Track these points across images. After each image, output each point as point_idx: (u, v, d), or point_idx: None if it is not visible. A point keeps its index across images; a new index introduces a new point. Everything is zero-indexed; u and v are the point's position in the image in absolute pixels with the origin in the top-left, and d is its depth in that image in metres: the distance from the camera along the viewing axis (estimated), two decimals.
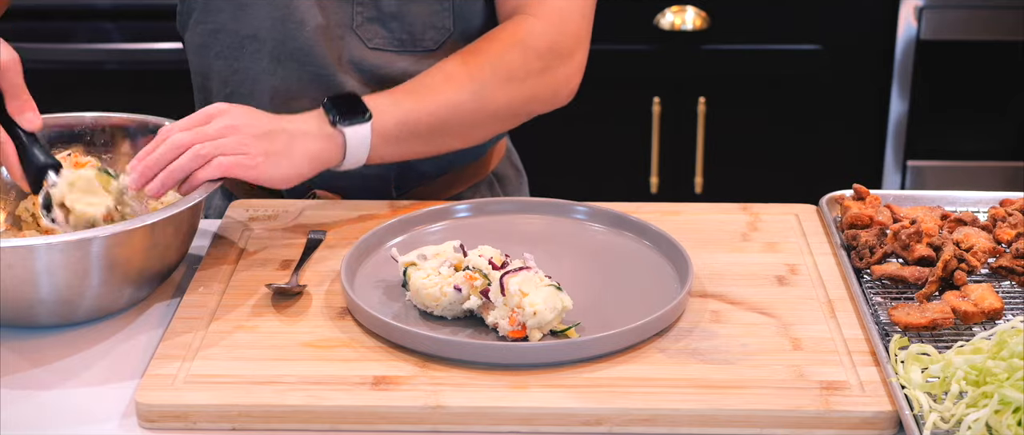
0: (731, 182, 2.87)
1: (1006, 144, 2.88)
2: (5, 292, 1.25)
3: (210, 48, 1.65)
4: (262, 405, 1.17)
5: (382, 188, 1.67)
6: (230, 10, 1.61)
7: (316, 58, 1.59)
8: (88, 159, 1.46)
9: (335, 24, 1.59)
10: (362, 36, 1.60)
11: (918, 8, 2.73)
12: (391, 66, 1.61)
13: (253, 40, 1.61)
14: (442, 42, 1.61)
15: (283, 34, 1.59)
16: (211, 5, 1.62)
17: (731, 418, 1.16)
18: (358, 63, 1.61)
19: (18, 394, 1.22)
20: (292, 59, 1.60)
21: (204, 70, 1.67)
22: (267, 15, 1.59)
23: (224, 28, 1.62)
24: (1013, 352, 1.12)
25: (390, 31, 1.60)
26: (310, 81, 1.60)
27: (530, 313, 1.23)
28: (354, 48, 1.60)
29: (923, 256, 1.36)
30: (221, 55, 1.64)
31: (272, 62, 1.61)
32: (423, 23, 1.60)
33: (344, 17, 1.59)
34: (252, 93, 1.63)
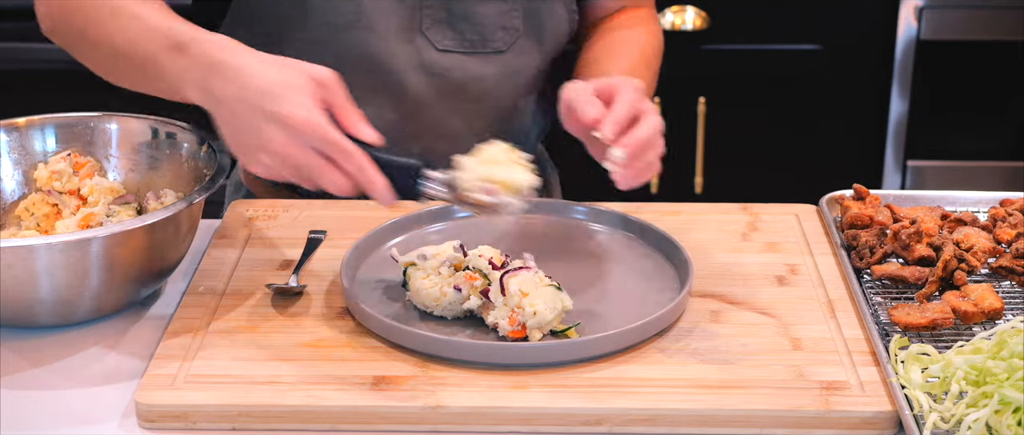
0: (731, 182, 2.87)
1: (1006, 144, 2.88)
2: (5, 292, 1.25)
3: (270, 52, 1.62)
4: (262, 405, 1.17)
5: None
6: (293, 14, 1.58)
7: (383, 62, 1.58)
8: (88, 159, 1.46)
9: (403, 27, 1.57)
10: (431, 38, 1.58)
11: (918, 8, 2.73)
12: (460, 68, 1.60)
13: (316, 45, 1.58)
14: (511, 43, 1.60)
15: (349, 39, 1.57)
16: (270, 9, 1.59)
17: (731, 418, 1.16)
18: (427, 66, 1.59)
19: (18, 394, 1.22)
20: (357, 66, 1.57)
21: None
22: (332, 21, 1.57)
23: (285, 30, 1.59)
24: (1013, 352, 1.12)
25: (459, 33, 1.59)
26: (375, 87, 1.59)
27: (530, 313, 1.23)
28: (423, 51, 1.59)
29: (923, 256, 1.36)
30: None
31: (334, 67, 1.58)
32: (492, 24, 1.59)
33: (412, 20, 1.57)
34: None
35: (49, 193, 1.43)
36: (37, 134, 1.48)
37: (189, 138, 1.47)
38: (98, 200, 1.43)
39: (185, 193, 1.44)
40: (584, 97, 1.37)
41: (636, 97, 1.36)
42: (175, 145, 1.48)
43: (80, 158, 1.46)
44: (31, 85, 2.88)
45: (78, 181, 1.44)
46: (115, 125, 1.50)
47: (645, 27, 1.67)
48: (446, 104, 1.61)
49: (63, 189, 1.44)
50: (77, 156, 1.46)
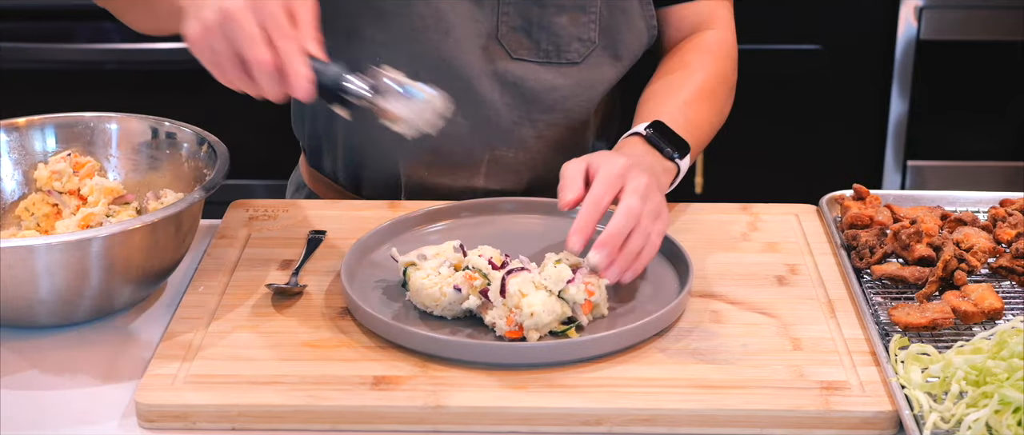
0: (731, 182, 2.87)
1: (1006, 144, 2.88)
2: (5, 292, 1.25)
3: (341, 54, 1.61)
4: (262, 405, 1.17)
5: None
6: (368, 16, 1.57)
7: (457, 68, 1.57)
8: (88, 159, 1.46)
9: (479, 33, 1.57)
10: (506, 46, 1.58)
11: (918, 8, 2.73)
12: (534, 78, 1.59)
13: (389, 48, 1.57)
14: (586, 55, 1.60)
15: (425, 43, 1.56)
16: (344, 9, 1.58)
17: (731, 418, 1.16)
18: (501, 74, 1.58)
19: (18, 394, 1.22)
20: (432, 69, 1.56)
21: None
22: (409, 23, 1.56)
23: (359, 34, 1.59)
24: (1013, 352, 1.12)
25: (535, 42, 1.58)
26: (449, 91, 1.57)
27: (527, 314, 1.23)
28: (498, 59, 1.58)
29: (923, 256, 1.36)
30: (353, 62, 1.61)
31: (410, 72, 1.58)
32: (568, 34, 1.58)
33: (489, 26, 1.57)
34: None
35: (49, 193, 1.43)
36: (37, 134, 1.48)
37: (189, 138, 1.47)
38: (98, 200, 1.43)
39: (185, 193, 1.44)
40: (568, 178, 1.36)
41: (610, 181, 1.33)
42: (175, 145, 1.48)
43: (80, 158, 1.46)
44: (31, 85, 2.88)
45: (78, 181, 1.44)
46: (115, 125, 1.50)
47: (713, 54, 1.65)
48: (518, 112, 1.60)
49: (63, 189, 1.44)
50: (77, 156, 1.46)
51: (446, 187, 1.63)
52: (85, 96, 2.85)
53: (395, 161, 1.63)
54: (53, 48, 2.85)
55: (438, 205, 1.51)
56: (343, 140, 1.66)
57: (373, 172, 1.66)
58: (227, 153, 1.41)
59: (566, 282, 1.26)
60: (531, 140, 1.62)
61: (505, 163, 1.63)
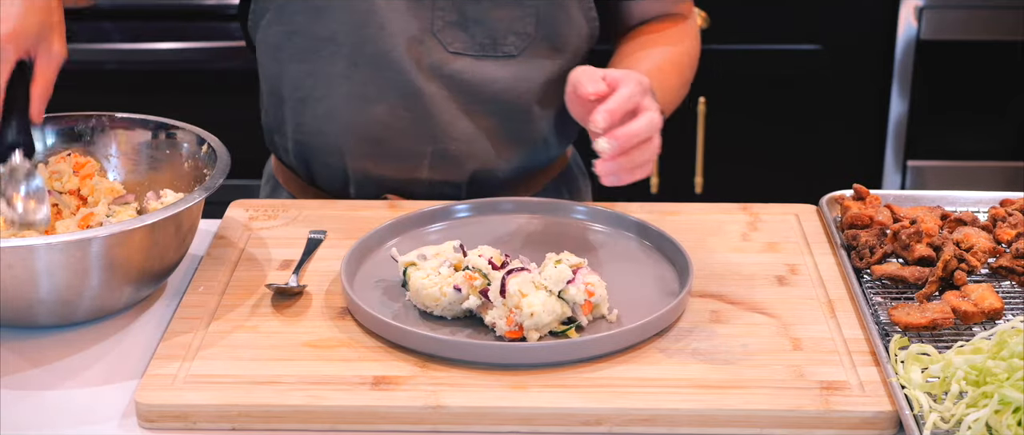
0: (731, 182, 2.87)
1: (1006, 144, 2.88)
2: (5, 292, 1.25)
3: (283, 50, 1.63)
4: (262, 405, 1.17)
5: (453, 194, 1.66)
6: (307, 12, 1.59)
7: (395, 63, 1.58)
8: (88, 159, 1.46)
9: (416, 28, 1.57)
10: (443, 41, 1.58)
11: (918, 8, 2.73)
12: (471, 71, 1.60)
13: (330, 43, 1.59)
14: (524, 48, 1.60)
15: (362, 38, 1.57)
16: (287, 7, 1.60)
17: (731, 418, 1.16)
18: (438, 68, 1.59)
19: (18, 394, 1.22)
20: (370, 64, 1.58)
21: (276, 72, 1.65)
22: (346, 18, 1.57)
23: (300, 30, 1.60)
24: (1013, 352, 1.12)
25: (471, 36, 1.59)
26: (386, 86, 1.59)
27: (527, 314, 1.23)
28: (434, 53, 1.59)
29: (923, 256, 1.36)
30: (295, 58, 1.62)
31: (349, 66, 1.59)
32: (505, 28, 1.59)
33: (425, 22, 1.58)
34: (326, 97, 1.62)
35: (49, 193, 1.43)
36: (37, 134, 1.47)
37: (189, 138, 1.47)
38: (98, 200, 1.43)
39: (185, 193, 1.44)
40: (588, 76, 1.37)
41: (637, 91, 1.36)
42: (175, 145, 1.48)
43: (80, 158, 1.46)
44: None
45: (78, 181, 1.44)
46: (115, 125, 1.50)
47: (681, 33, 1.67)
48: (457, 105, 1.61)
49: (63, 189, 1.44)
50: (77, 156, 1.46)
51: (391, 179, 1.65)
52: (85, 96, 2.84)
53: (340, 155, 1.65)
54: None
55: (438, 205, 1.51)
56: (292, 134, 1.67)
57: (322, 166, 1.68)
58: (227, 153, 1.41)
59: (566, 282, 1.26)
60: (472, 132, 1.63)
61: (448, 155, 1.64)
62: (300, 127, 1.65)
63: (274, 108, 1.68)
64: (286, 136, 1.68)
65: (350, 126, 1.62)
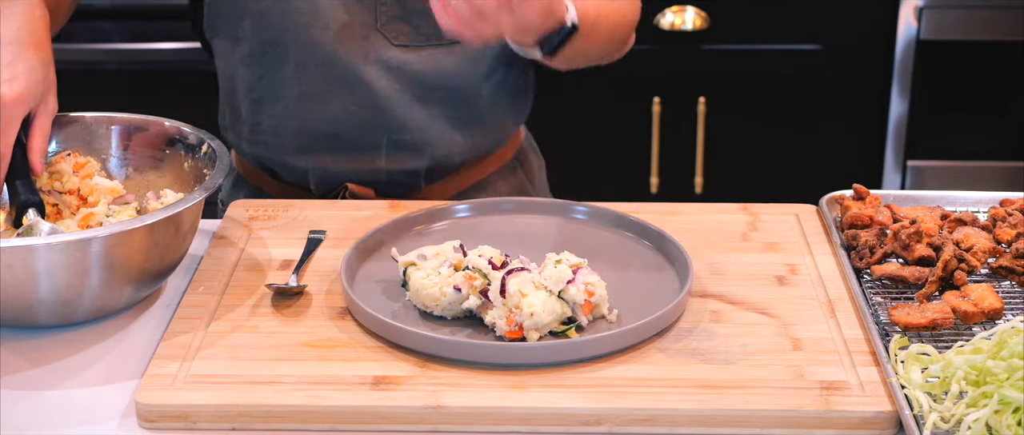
0: (731, 182, 2.87)
1: (1006, 144, 2.88)
2: (5, 292, 1.25)
3: (234, 54, 1.65)
4: (262, 405, 1.17)
5: (412, 181, 1.68)
6: (252, 17, 1.61)
7: (341, 60, 1.60)
8: (88, 159, 1.46)
9: (359, 25, 1.59)
10: (387, 34, 1.60)
11: (918, 8, 2.73)
12: (417, 61, 1.61)
13: (276, 46, 1.61)
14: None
15: (307, 38, 1.59)
16: (233, 13, 1.62)
17: (731, 418, 1.16)
18: (385, 61, 1.61)
19: (18, 394, 1.22)
20: (317, 64, 1.60)
21: (230, 75, 1.67)
22: (289, 21, 1.59)
23: (247, 36, 1.62)
24: (1013, 352, 1.12)
25: (415, 28, 1.60)
26: (336, 84, 1.61)
27: (527, 314, 1.23)
28: (379, 47, 1.60)
29: (923, 256, 1.36)
30: (245, 62, 1.64)
31: (297, 67, 1.61)
32: None
33: (367, 17, 1.59)
34: (279, 98, 1.63)
35: (49, 193, 1.43)
36: None
37: (189, 138, 1.47)
38: (98, 200, 1.43)
39: (185, 193, 1.44)
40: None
41: None
42: (175, 145, 1.48)
43: (80, 158, 1.46)
44: None
45: (78, 181, 1.44)
46: (115, 125, 1.50)
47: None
48: (407, 95, 1.63)
49: (63, 189, 1.44)
50: (77, 156, 1.46)
51: (351, 170, 1.67)
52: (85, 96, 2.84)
53: (298, 152, 1.67)
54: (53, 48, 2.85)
55: (438, 205, 1.51)
56: (248, 133, 1.69)
57: (280, 163, 1.69)
58: (227, 153, 1.41)
59: (566, 282, 1.26)
60: (425, 120, 1.65)
61: (404, 145, 1.65)
62: (257, 127, 1.67)
63: (230, 108, 1.70)
64: (242, 135, 1.70)
65: (304, 125, 1.64)
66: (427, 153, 1.66)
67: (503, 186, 1.75)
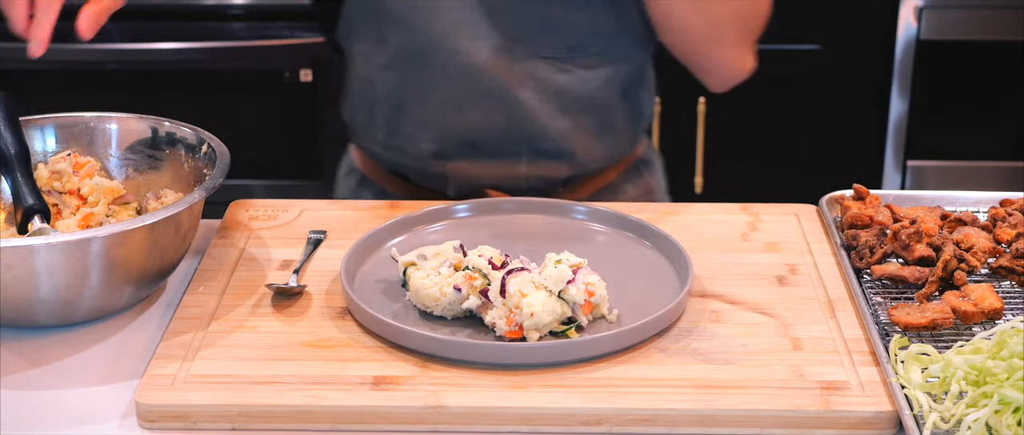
0: (731, 182, 2.87)
1: (1006, 144, 2.88)
2: (5, 292, 1.25)
3: (376, 58, 1.64)
4: (262, 405, 1.17)
5: (549, 187, 1.68)
6: (397, 25, 1.60)
7: (486, 71, 1.59)
8: (88, 159, 1.46)
9: (503, 35, 1.59)
10: (531, 45, 1.60)
11: (918, 8, 2.74)
12: (561, 74, 1.61)
13: (421, 55, 1.60)
14: (608, 46, 1.62)
15: (453, 47, 1.58)
16: (381, 15, 1.61)
17: (731, 418, 1.16)
18: (530, 72, 1.61)
19: (18, 394, 1.22)
20: (464, 73, 1.60)
21: (369, 78, 1.66)
22: (435, 31, 1.58)
23: (391, 42, 1.61)
24: (1013, 352, 1.12)
25: (558, 39, 1.60)
26: (480, 93, 1.61)
27: (527, 314, 1.23)
28: (524, 58, 1.60)
29: (923, 256, 1.36)
30: (388, 67, 1.63)
31: (442, 76, 1.61)
32: (588, 29, 1.60)
33: (512, 29, 1.59)
34: (420, 105, 1.63)
35: (49, 193, 1.43)
36: (37, 134, 1.48)
37: (189, 138, 1.47)
38: (98, 200, 1.43)
39: (185, 193, 1.44)
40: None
41: None
42: (175, 145, 1.48)
43: (80, 158, 1.46)
44: (31, 85, 2.88)
45: (78, 181, 1.44)
46: (115, 125, 1.50)
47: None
48: (552, 106, 1.63)
49: (63, 189, 1.44)
50: (77, 156, 1.46)
51: (489, 176, 1.67)
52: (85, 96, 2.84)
53: (436, 159, 1.66)
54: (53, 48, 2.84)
55: (438, 205, 1.51)
56: (384, 138, 1.69)
57: (416, 169, 1.69)
58: (227, 153, 1.41)
59: (566, 282, 1.26)
60: (567, 129, 1.65)
61: (545, 153, 1.66)
62: (394, 132, 1.67)
63: (366, 111, 1.69)
64: (376, 139, 1.70)
65: (445, 132, 1.64)
66: (567, 161, 1.66)
67: (631, 188, 1.76)
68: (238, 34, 2.90)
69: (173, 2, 2.87)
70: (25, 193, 1.37)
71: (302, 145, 3.01)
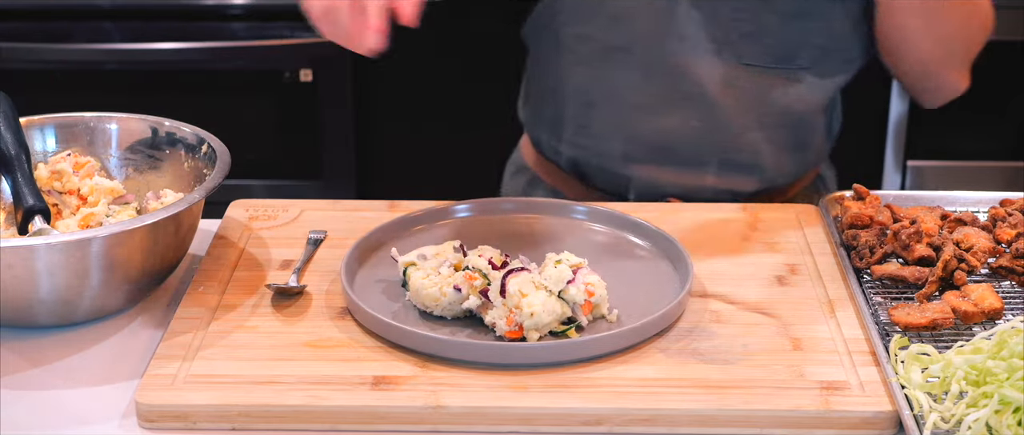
0: None
1: (1006, 144, 2.88)
2: (5, 292, 1.25)
3: (572, 53, 1.62)
4: (262, 405, 1.17)
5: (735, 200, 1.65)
6: (603, 19, 1.58)
7: (690, 74, 1.58)
8: (88, 159, 1.46)
9: (712, 39, 1.57)
10: (738, 52, 1.57)
11: None
12: (763, 84, 1.59)
13: (624, 52, 1.58)
14: (816, 60, 1.60)
15: (660, 48, 1.56)
16: (580, 12, 1.59)
17: (731, 418, 1.16)
18: (732, 79, 1.59)
19: (18, 394, 1.22)
20: (664, 74, 1.57)
21: (558, 73, 1.64)
22: (645, 28, 1.56)
23: (593, 36, 1.59)
24: (1013, 352, 1.12)
25: (766, 48, 1.58)
26: (679, 97, 1.59)
27: (527, 314, 1.23)
28: (728, 64, 1.58)
29: (923, 256, 1.36)
30: (584, 62, 1.61)
31: (643, 76, 1.59)
32: (798, 41, 1.58)
33: (720, 32, 1.57)
34: (614, 104, 1.61)
35: (49, 193, 1.43)
36: (37, 134, 1.48)
37: (189, 138, 1.47)
38: (98, 200, 1.43)
39: (185, 193, 1.44)
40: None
41: None
42: (175, 145, 1.48)
43: (80, 158, 1.46)
44: (31, 85, 2.88)
45: (78, 181, 1.44)
46: (115, 125, 1.50)
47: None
48: (748, 117, 1.62)
49: (63, 189, 1.44)
50: (77, 156, 1.46)
51: (675, 184, 1.65)
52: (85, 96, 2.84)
53: (624, 161, 1.65)
54: (53, 48, 2.86)
55: (438, 205, 1.51)
56: (570, 136, 1.67)
57: (600, 170, 1.68)
58: (227, 153, 1.41)
59: (566, 282, 1.26)
60: (761, 143, 1.63)
61: (735, 164, 1.64)
62: (583, 130, 1.65)
63: (552, 108, 1.68)
64: (561, 137, 1.68)
65: (637, 134, 1.62)
66: (757, 175, 1.65)
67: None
68: (238, 34, 2.90)
69: (173, 2, 2.87)
70: (25, 194, 1.36)
71: (302, 145, 3.01)
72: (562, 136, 1.68)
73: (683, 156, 1.63)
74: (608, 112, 1.62)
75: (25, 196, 1.36)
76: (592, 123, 1.64)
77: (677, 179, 1.65)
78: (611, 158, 1.65)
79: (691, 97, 1.59)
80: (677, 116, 1.59)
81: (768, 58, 1.59)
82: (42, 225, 1.35)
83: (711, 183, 1.65)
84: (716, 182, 1.65)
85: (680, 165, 1.64)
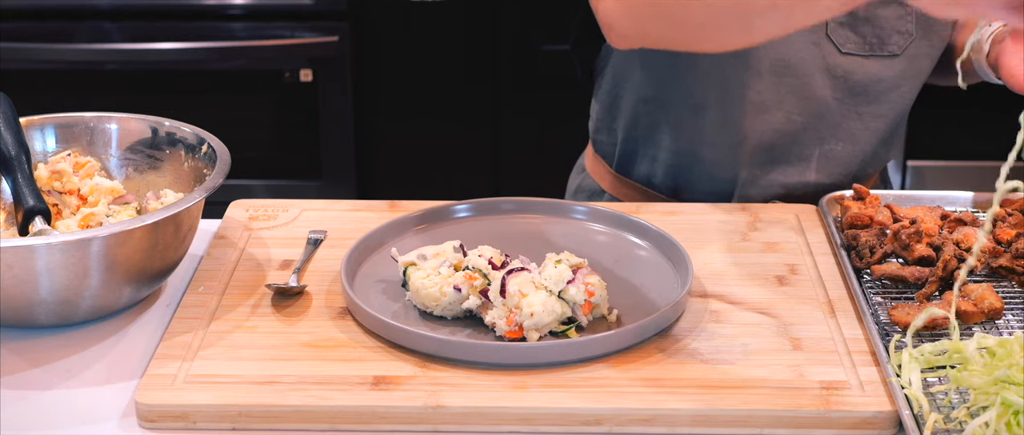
0: None
1: (1006, 144, 2.88)
2: (5, 292, 1.25)
3: (675, 56, 1.62)
4: (262, 405, 1.17)
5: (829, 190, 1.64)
6: None
7: (795, 67, 1.60)
8: (88, 159, 1.46)
9: (811, 30, 1.59)
10: (835, 41, 1.60)
11: None
12: (861, 71, 1.62)
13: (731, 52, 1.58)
14: (906, 46, 1.62)
15: (766, 45, 1.58)
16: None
17: (731, 418, 1.16)
18: (831, 69, 1.61)
19: (18, 394, 1.22)
20: (772, 70, 1.59)
21: (657, 79, 1.65)
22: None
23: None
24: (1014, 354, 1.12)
25: (861, 35, 1.61)
26: (786, 92, 1.61)
27: (527, 314, 1.23)
28: (828, 54, 1.60)
29: (923, 256, 1.36)
30: (689, 64, 1.62)
31: (752, 74, 1.60)
32: (890, 26, 1.61)
33: (821, 23, 1.59)
34: (722, 106, 1.61)
35: (49, 193, 1.43)
36: (37, 134, 1.48)
37: (189, 138, 1.47)
38: (98, 200, 1.43)
39: (185, 193, 1.44)
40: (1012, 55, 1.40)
41: None
42: (175, 145, 1.48)
43: (80, 158, 1.46)
44: (31, 85, 2.88)
45: (78, 181, 1.44)
46: (115, 125, 1.50)
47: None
48: (847, 106, 1.63)
49: (63, 189, 1.44)
50: (77, 156, 1.46)
51: (779, 183, 1.66)
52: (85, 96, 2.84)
53: (730, 164, 1.65)
54: (53, 48, 2.86)
55: (438, 205, 1.51)
56: (670, 144, 1.67)
57: (704, 175, 1.67)
58: (227, 153, 1.41)
59: (566, 282, 1.26)
60: (859, 132, 1.65)
61: (834, 156, 1.66)
62: (685, 136, 1.65)
63: (645, 117, 1.68)
64: (659, 145, 1.68)
65: (745, 134, 1.63)
66: (854, 167, 1.66)
67: None
68: (238, 34, 2.90)
69: (173, 2, 2.88)
70: (26, 194, 1.36)
71: (302, 145, 3.02)
72: (661, 143, 1.68)
73: (784, 154, 1.64)
74: (715, 114, 1.63)
75: (25, 197, 1.36)
76: (698, 125, 1.64)
77: (782, 177, 1.66)
78: (715, 162, 1.66)
79: (794, 90, 1.61)
80: (781, 112, 1.61)
81: (863, 46, 1.61)
82: (42, 226, 1.35)
83: (814, 178, 1.66)
84: (818, 176, 1.66)
85: (781, 164, 1.65)
